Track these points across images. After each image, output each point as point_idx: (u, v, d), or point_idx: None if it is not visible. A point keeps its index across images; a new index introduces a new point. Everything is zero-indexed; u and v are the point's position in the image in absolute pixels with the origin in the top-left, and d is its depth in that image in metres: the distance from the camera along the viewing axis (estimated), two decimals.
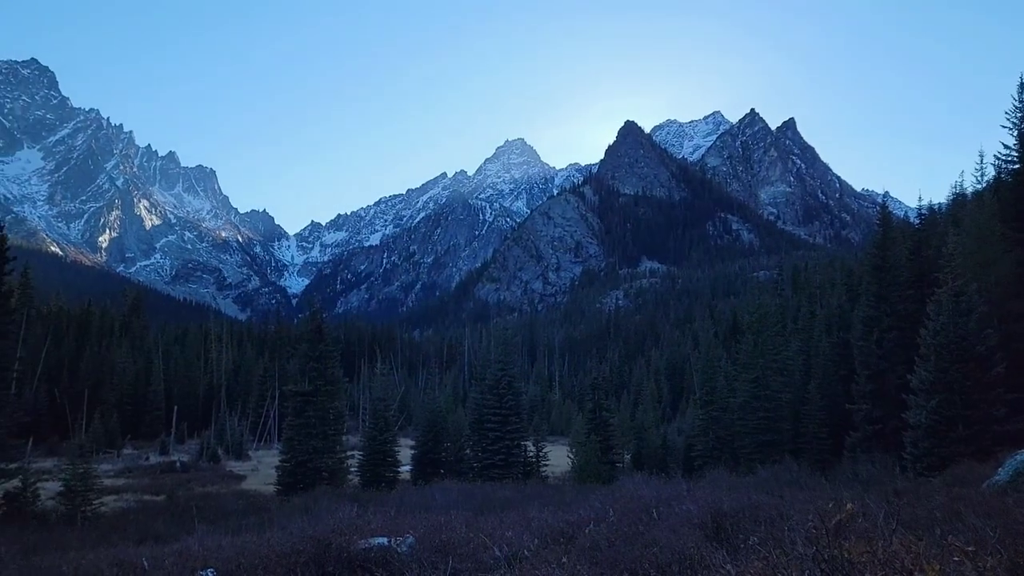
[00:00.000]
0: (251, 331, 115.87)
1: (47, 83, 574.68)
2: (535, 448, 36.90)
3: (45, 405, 58.06)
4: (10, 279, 27.04)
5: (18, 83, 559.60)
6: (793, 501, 12.30)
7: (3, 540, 17.62)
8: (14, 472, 25.10)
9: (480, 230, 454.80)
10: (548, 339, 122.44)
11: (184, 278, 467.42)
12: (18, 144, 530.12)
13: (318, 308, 36.67)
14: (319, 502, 22.63)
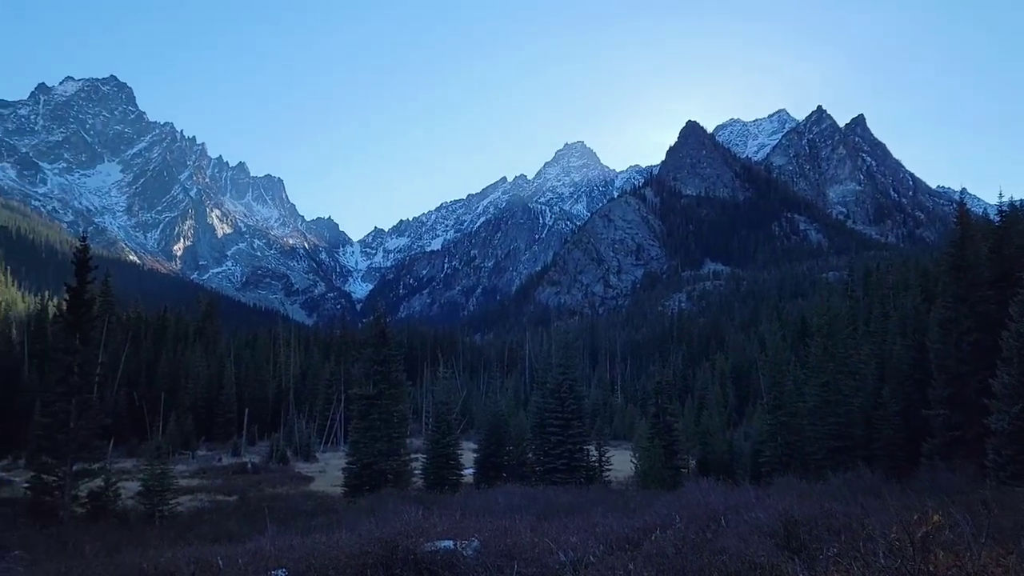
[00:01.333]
0: (317, 336, 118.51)
1: (125, 99, 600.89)
2: (598, 452, 36.62)
3: (125, 408, 60.58)
4: (92, 287, 28.28)
5: (99, 99, 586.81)
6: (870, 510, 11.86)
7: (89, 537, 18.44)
8: (97, 472, 26.21)
9: (540, 234, 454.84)
10: (610, 342, 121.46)
11: (254, 284, 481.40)
12: (99, 158, 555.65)
13: (381, 313, 37.20)
14: (385, 504, 22.92)
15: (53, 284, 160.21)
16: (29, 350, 65.61)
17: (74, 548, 16.53)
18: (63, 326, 27.14)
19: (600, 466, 36.19)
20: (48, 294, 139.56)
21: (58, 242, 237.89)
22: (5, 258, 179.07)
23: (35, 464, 26.90)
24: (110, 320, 63.82)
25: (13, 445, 52.61)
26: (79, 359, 25.98)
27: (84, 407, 25.80)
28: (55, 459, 25.32)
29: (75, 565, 12.25)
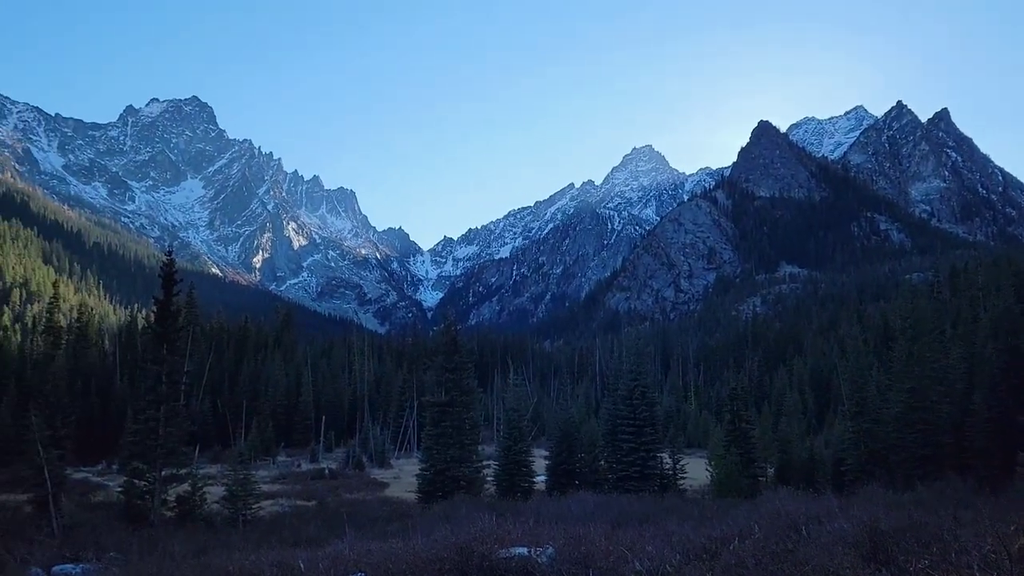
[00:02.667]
0: (390, 344, 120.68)
1: (206, 118, 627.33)
2: (672, 460, 36.04)
3: (209, 415, 62.98)
4: (178, 299, 29.57)
5: (182, 119, 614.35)
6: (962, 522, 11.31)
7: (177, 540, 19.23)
8: (184, 477, 27.32)
9: (608, 239, 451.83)
10: (682, 348, 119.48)
11: (328, 294, 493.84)
12: (183, 175, 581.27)
13: (452, 321, 37.62)
14: (458, 510, 23.11)
15: (142, 297, 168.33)
16: (120, 360, 68.97)
17: (164, 550, 17.25)
18: (152, 337, 28.46)
19: (674, 474, 35.61)
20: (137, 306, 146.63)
21: (146, 257, 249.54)
22: (98, 273, 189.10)
23: (127, 469, 28.23)
24: (195, 331, 66.49)
25: (107, 451, 55.32)
26: (167, 369, 27.15)
27: (172, 415, 26.93)
28: (146, 464, 26.51)
29: (166, 566, 12.79)
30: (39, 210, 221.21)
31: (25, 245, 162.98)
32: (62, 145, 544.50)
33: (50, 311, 77.86)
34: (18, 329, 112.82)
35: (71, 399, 51.75)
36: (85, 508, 30.51)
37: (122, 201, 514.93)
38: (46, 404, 36.81)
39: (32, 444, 25.96)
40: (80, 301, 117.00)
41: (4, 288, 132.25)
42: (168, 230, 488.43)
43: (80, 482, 38.95)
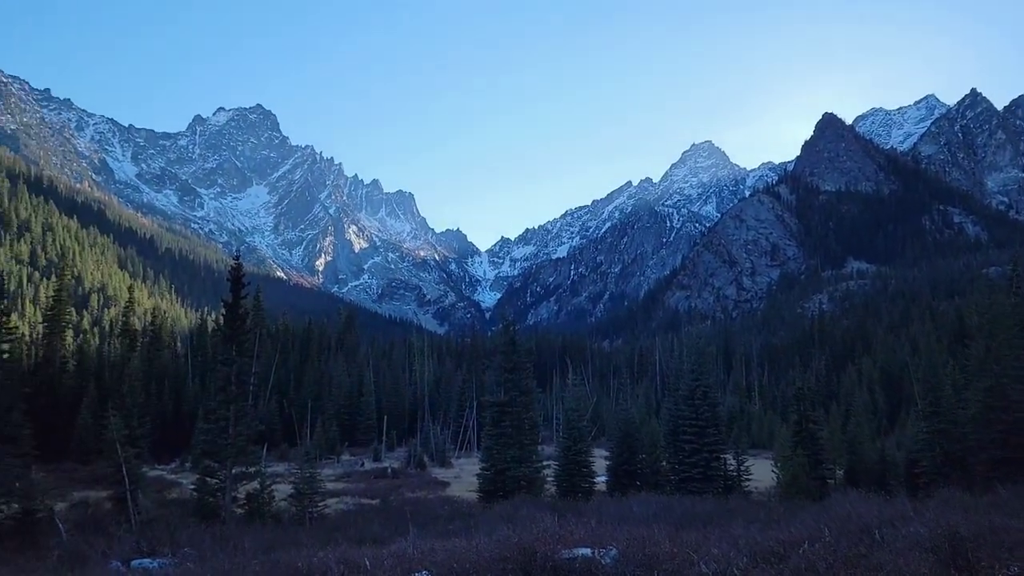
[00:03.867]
0: (449, 344, 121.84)
1: (270, 125, 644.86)
2: (736, 461, 35.35)
3: (276, 415, 64.59)
4: (245, 302, 30.40)
5: (247, 127, 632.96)
6: None
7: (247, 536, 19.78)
8: (253, 475, 28.07)
9: (668, 237, 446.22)
10: (745, 347, 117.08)
11: (389, 296, 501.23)
12: (248, 181, 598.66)
13: (510, 321, 37.67)
14: (519, 510, 23.15)
15: (211, 300, 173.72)
16: (192, 361, 71.35)
17: (235, 546, 17.75)
18: (221, 339, 29.34)
19: (739, 475, 34.92)
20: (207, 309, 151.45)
21: (214, 261, 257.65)
22: (170, 277, 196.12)
23: (199, 467, 29.18)
24: (261, 333, 68.25)
25: (180, 449, 57.27)
26: (236, 369, 27.94)
27: (241, 414, 27.70)
28: (217, 463, 27.33)
29: (237, 562, 13.15)
30: (115, 218, 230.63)
31: (102, 252, 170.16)
32: (135, 155, 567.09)
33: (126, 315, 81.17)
34: (96, 332, 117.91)
35: (146, 399, 53.78)
36: (160, 504, 31.68)
37: (192, 208, 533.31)
38: (123, 404, 38.31)
39: (111, 443, 27.05)
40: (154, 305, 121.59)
41: (83, 293, 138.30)
42: (235, 235, 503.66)
43: (155, 479, 40.40)
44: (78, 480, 40.64)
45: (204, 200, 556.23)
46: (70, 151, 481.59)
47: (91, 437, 48.76)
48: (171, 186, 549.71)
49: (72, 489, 37.07)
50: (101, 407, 47.31)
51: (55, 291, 72.24)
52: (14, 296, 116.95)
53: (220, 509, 26.63)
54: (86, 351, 72.94)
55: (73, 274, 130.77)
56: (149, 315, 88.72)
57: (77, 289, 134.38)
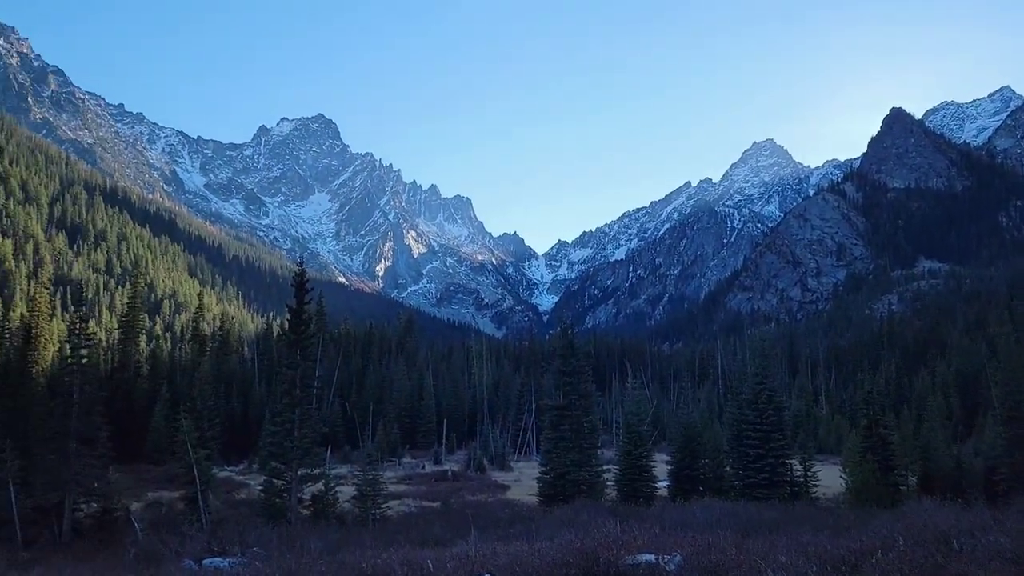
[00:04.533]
0: (507, 348, 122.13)
1: (331, 134, 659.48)
2: (803, 467, 34.41)
3: (339, 417, 65.80)
4: (309, 307, 31.08)
5: (309, 136, 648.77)
6: None
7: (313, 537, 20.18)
8: (318, 477, 28.66)
9: (728, 238, 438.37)
10: (810, 350, 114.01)
11: (447, 300, 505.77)
12: (311, 189, 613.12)
13: (568, 324, 37.57)
14: (579, 514, 23.03)
15: (276, 306, 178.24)
16: (258, 365, 73.31)
17: (301, 546, 18.13)
18: (286, 343, 30.06)
19: (806, 481, 33.98)
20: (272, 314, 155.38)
21: (279, 268, 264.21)
22: (237, 284, 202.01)
23: (266, 469, 29.92)
24: (324, 337, 69.72)
25: (248, 451, 58.84)
26: (300, 373, 28.58)
27: (306, 417, 28.32)
28: (283, 464, 27.99)
29: (304, 563, 13.42)
30: (184, 227, 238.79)
31: (173, 260, 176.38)
32: (203, 165, 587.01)
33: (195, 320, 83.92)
34: (168, 338, 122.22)
35: (215, 402, 55.38)
36: (229, 505, 32.62)
37: (257, 216, 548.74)
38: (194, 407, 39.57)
39: (183, 445, 27.98)
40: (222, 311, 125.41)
41: (156, 300, 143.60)
42: (298, 242, 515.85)
43: (225, 480, 41.59)
44: (152, 480, 42.21)
45: (269, 208, 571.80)
46: (143, 163, 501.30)
47: (164, 439, 50.56)
48: (237, 195, 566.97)
49: (146, 489, 38.52)
50: (173, 410, 49.00)
51: (130, 298, 75.24)
52: (91, 303, 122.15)
53: (286, 510, 27.24)
54: (159, 356, 75.68)
55: (146, 282, 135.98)
56: (218, 320, 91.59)
57: (150, 296, 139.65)
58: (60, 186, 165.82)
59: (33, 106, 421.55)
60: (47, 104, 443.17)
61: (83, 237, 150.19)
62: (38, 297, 76.41)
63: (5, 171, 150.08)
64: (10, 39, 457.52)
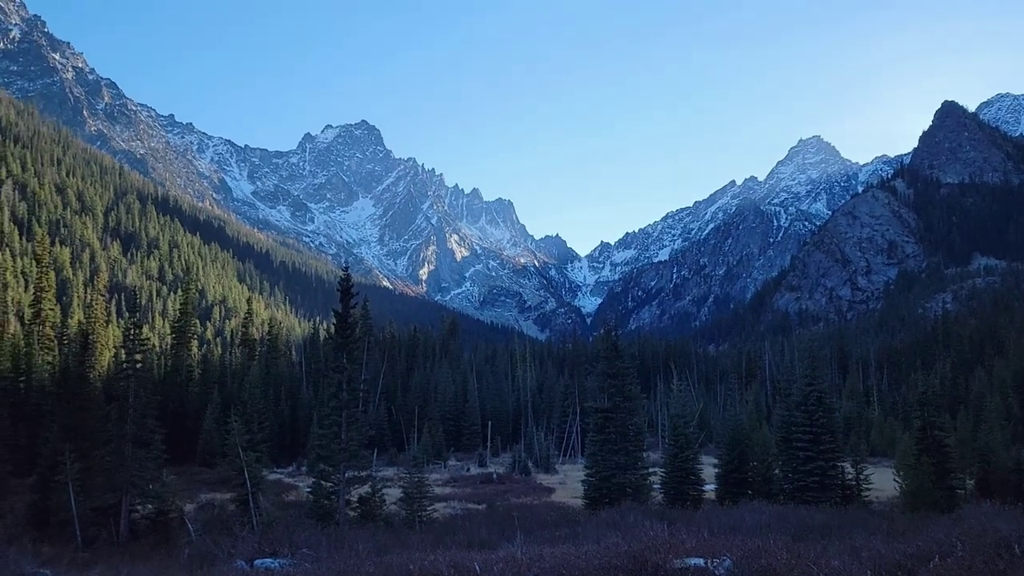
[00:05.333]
0: (550, 350, 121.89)
1: (374, 140, 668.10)
2: (854, 470, 33.61)
3: (385, 420, 66.46)
4: (354, 312, 31.48)
5: (352, 143, 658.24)
6: None
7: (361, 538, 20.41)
8: (365, 479, 28.98)
9: (775, 237, 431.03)
10: (861, 350, 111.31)
11: (490, 303, 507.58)
12: (354, 195, 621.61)
13: (612, 326, 37.33)
14: (626, 517, 22.86)
15: (322, 310, 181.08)
16: (306, 369, 74.47)
17: (349, 548, 18.36)
18: (332, 347, 30.49)
19: (858, 484, 33.17)
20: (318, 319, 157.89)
21: (325, 272, 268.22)
22: (284, 289, 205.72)
23: (315, 471, 30.37)
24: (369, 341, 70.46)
25: (296, 453, 59.82)
26: (347, 376, 28.95)
27: (352, 420, 28.67)
28: (330, 467, 28.38)
29: (352, 564, 13.59)
30: (233, 234, 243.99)
31: (223, 266, 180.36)
32: (251, 173, 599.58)
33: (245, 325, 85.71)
34: (219, 343, 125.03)
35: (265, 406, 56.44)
36: (279, 507, 33.19)
37: (303, 222, 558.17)
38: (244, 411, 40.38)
39: (233, 448, 28.56)
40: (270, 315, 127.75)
41: (206, 306, 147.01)
42: (343, 247, 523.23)
43: (274, 482, 42.31)
44: (204, 482, 43.19)
45: (314, 214, 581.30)
46: (192, 172, 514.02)
47: (215, 442, 51.74)
48: (284, 202, 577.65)
49: (199, 491, 39.44)
50: (224, 413, 50.11)
51: (181, 304, 77.15)
52: (145, 310, 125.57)
53: (335, 512, 27.60)
54: (210, 360, 77.39)
55: (197, 288, 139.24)
56: (266, 325, 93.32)
57: (201, 302, 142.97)
58: (114, 196, 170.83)
59: (88, 118, 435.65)
60: (101, 116, 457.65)
61: (136, 245, 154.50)
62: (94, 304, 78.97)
63: (63, 182, 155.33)
64: (65, 54, 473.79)
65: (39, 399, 50.29)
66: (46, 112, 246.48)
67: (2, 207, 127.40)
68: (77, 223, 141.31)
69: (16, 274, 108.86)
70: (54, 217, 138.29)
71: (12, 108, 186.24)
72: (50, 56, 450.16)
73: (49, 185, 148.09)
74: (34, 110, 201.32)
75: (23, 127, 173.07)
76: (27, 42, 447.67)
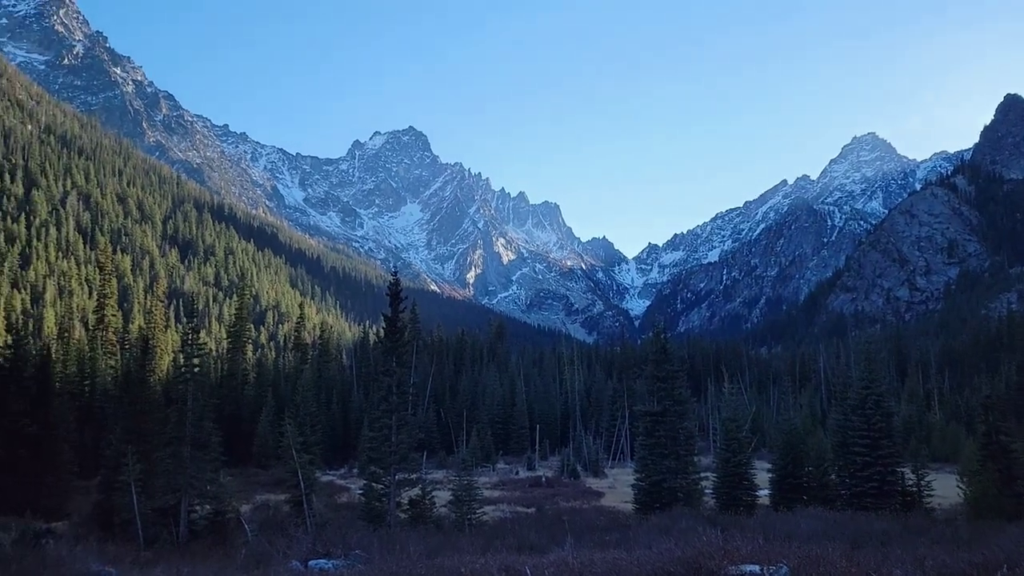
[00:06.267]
0: (598, 353, 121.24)
1: (421, 145, 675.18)
2: (915, 476, 32.58)
3: (434, 423, 66.98)
4: (403, 315, 31.81)
5: (400, 148, 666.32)
6: None
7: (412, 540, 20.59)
8: (415, 482, 29.22)
9: (828, 237, 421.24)
10: (921, 352, 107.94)
11: (537, 306, 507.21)
12: (402, 200, 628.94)
13: (661, 328, 36.86)
14: (677, 522, 22.59)
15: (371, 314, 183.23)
16: (356, 372, 75.52)
17: (400, 549, 18.53)
18: (382, 351, 30.84)
19: (919, 491, 32.15)
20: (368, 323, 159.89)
21: (374, 277, 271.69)
22: (335, 294, 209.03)
23: (366, 473, 30.74)
24: (418, 344, 71.10)
25: (348, 455, 60.67)
26: (396, 380, 29.25)
27: (402, 423, 28.95)
28: (381, 469, 28.70)
29: (404, 566, 13.70)
30: (285, 240, 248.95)
31: (276, 272, 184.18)
32: (302, 181, 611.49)
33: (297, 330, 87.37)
34: (272, 347, 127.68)
35: (317, 408, 57.40)
36: (332, 508, 33.70)
37: (352, 228, 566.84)
38: (297, 413, 41.12)
39: (287, 450, 29.10)
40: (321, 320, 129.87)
41: (260, 311, 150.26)
42: (392, 252, 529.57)
43: (327, 484, 42.98)
44: (259, 484, 44.11)
45: (363, 220, 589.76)
46: (246, 180, 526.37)
47: (270, 443, 52.81)
48: (334, 208, 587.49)
49: (255, 492, 40.29)
50: (278, 416, 51.11)
51: (237, 310, 79.05)
52: (202, 315, 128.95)
53: (385, 514, 27.88)
54: (264, 364, 79.07)
55: (251, 293, 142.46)
56: (318, 330, 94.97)
57: (255, 307, 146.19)
58: (172, 204, 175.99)
59: (147, 130, 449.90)
60: (159, 127, 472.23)
61: (194, 252, 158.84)
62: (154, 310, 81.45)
63: (124, 192, 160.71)
64: (126, 68, 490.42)
65: (103, 402, 52.10)
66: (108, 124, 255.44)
67: (67, 217, 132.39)
68: (137, 231, 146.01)
69: (80, 281, 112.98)
70: (116, 226, 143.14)
71: (76, 121, 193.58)
72: (111, 70, 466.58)
73: (111, 195, 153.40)
74: (96, 123, 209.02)
75: (86, 139, 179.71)
76: (90, 57, 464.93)
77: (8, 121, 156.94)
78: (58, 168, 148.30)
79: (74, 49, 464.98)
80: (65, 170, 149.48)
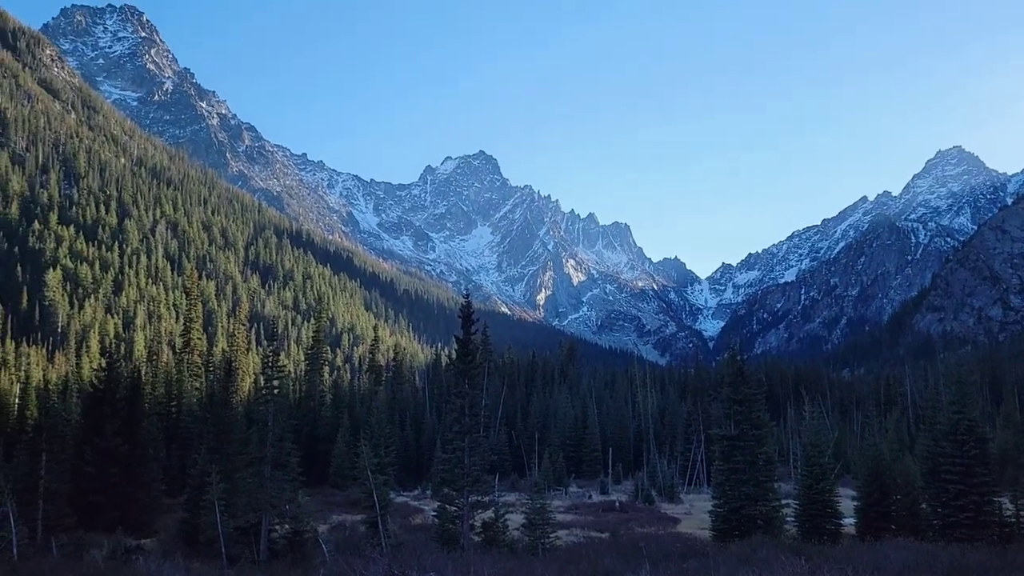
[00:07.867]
0: (671, 375, 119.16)
1: (491, 169, 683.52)
2: (1014, 506, 30.72)
3: (505, 445, 66.97)
4: (475, 337, 32.04)
5: (471, 173, 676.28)
6: None
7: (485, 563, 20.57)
8: (488, 504, 29.25)
9: (913, 254, 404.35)
10: (1017, 375, 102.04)
11: (608, 328, 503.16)
12: (473, 223, 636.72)
13: (737, 349, 36.05)
14: (757, 551, 21.89)
15: (443, 337, 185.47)
16: (429, 394, 76.38)
17: (475, 572, 18.54)
18: (454, 372, 31.13)
19: (1018, 522, 30.29)
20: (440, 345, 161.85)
21: (446, 300, 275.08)
22: (408, 316, 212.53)
23: (439, 495, 30.95)
24: (489, 366, 71.44)
25: (421, 476, 61.22)
26: (468, 402, 29.45)
27: (475, 445, 29.07)
28: (454, 491, 28.85)
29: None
30: (360, 264, 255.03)
31: (351, 295, 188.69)
32: (376, 206, 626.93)
33: (372, 352, 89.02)
34: (348, 369, 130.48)
35: (391, 430, 58.26)
36: (406, 529, 34.02)
37: (424, 251, 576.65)
38: (372, 434, 41.83)
39: (363, 471, 29.57)
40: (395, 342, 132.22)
41: (336, 333, 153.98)
42: (463, 274, 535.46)
43: (401, 505, 43.43)
44: (336, 504, 44.93)
45: (435, 243, 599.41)
46: (323, 207, 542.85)
47: (346, 464, 53.82)
48: (406, 232, 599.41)
49: (331, 512, 41.06)
50: (354, 437, 52.09)
51: (314, 332, 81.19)
52: (282, 338, 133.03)
53: (459, 536, 27.98)
54: (340, 386, 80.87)
55: (328, 317, 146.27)
56: (391, 352, 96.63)
57: (331, 330, 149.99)
58: (253, 231, 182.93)
59: (231, 160, 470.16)
60: (242, 158, 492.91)
61: (273, 277, 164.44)
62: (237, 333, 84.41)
63: (208, 220, 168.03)
64: (211, 102, 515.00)
65: (188, 422, 54.18)
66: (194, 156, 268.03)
67: (157, 245, 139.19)
68: (221, 257, 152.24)
69: (168, 306, 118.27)
70: (201, 252, 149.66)
71: (165, 154, 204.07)
72: (198, 104, 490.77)
73: (197, 223, 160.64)
74: (184, 155, 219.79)
75: (174, 171, 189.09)
76: (178, 93, 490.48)
77: (104, 155, 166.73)
78: (148, 199, 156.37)
79: (164, 85, 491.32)
80: (155, 200, 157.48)
